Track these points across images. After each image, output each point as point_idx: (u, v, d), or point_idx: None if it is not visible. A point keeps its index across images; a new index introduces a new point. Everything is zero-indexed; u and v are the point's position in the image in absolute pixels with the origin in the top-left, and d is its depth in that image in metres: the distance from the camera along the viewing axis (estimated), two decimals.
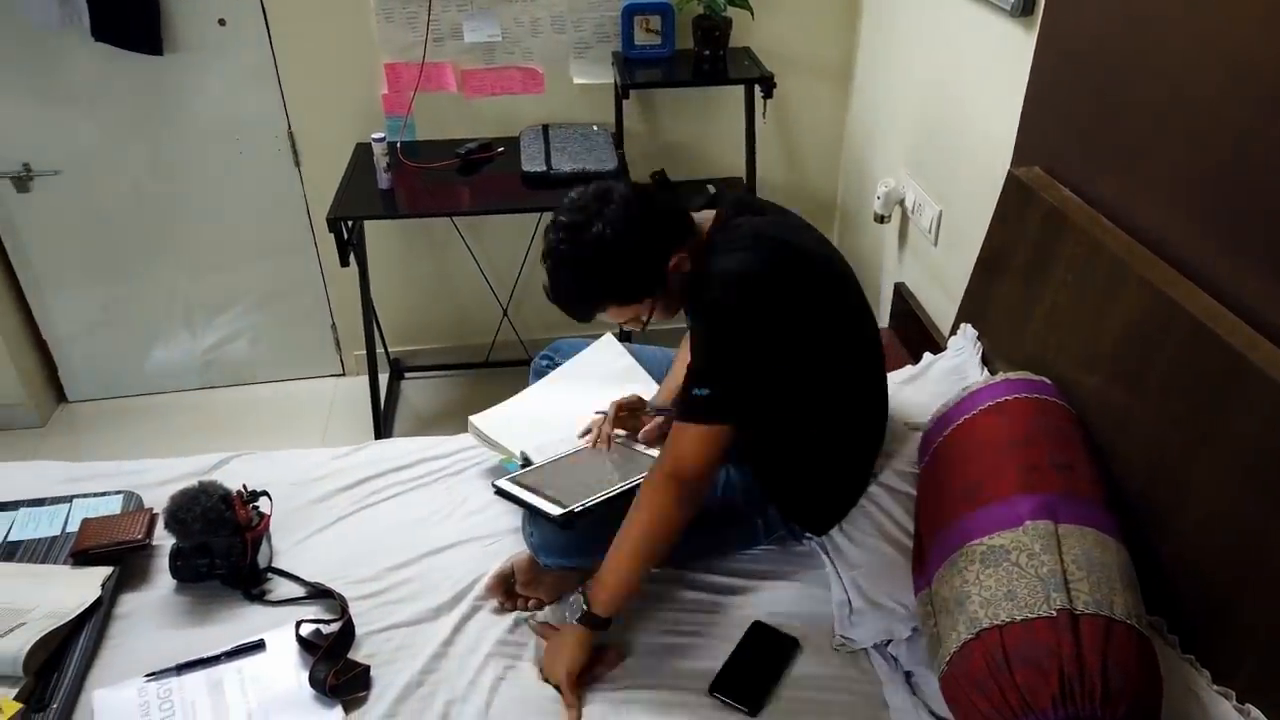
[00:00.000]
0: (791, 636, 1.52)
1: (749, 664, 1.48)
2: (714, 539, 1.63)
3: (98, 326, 3.00)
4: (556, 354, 2.00)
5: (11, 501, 1.80)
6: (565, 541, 1.53)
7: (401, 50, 2.67)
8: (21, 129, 2.65)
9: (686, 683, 1.45)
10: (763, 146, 2.83)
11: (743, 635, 1.52)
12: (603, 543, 1.55)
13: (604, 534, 1.53)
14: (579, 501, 1.54)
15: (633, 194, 1.46)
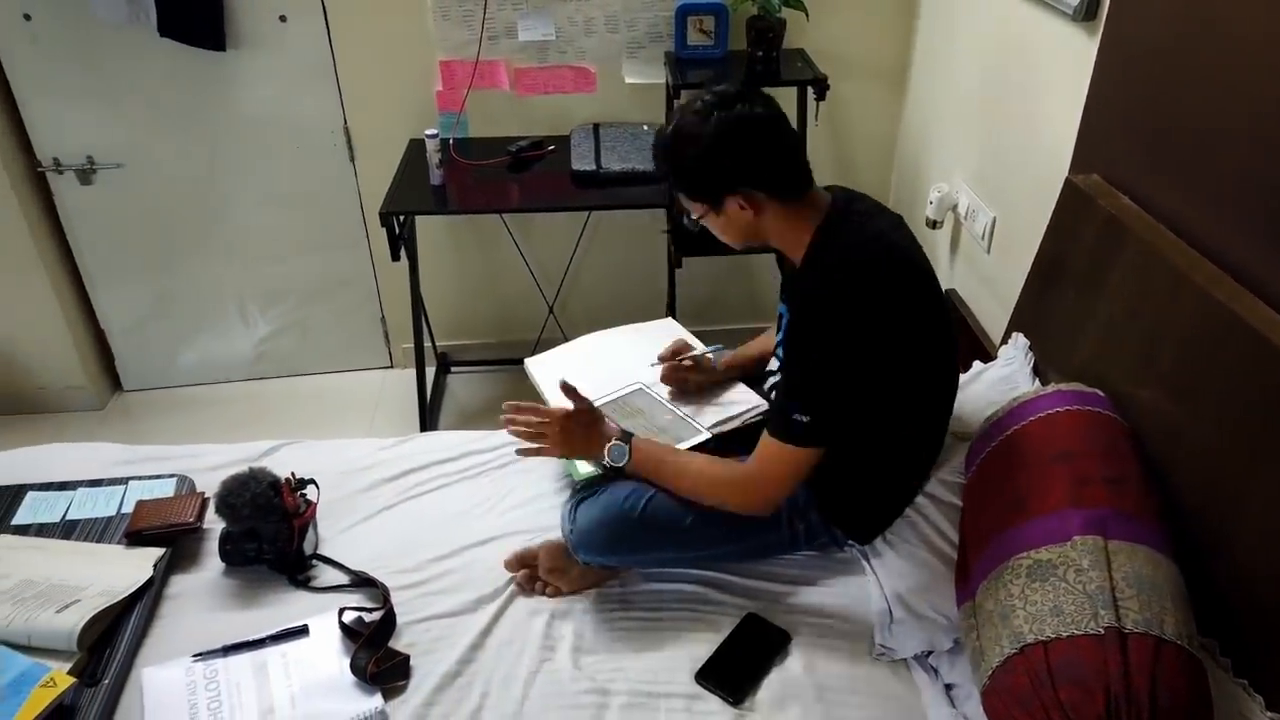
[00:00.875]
0: (783, 630, 1.52)
1: (738, 655, 1.49)
2: (755, 544, 1.62)
3: (153, 318, 3.08)
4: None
5: (70, 481, 1.86)
6: (605, 540, 1.54)
7: (456, 48, 2.70)
8: (87, 123, 2.73)
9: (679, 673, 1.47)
10: (814, 149, 2.80)
11: (735, 626, 1.53)
12: (643, 553, 1.56)
13: (645, 545, 1.53)
14: None
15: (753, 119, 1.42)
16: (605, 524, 1.54)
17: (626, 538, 1.54)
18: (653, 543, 1.56)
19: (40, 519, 1.77)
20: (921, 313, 1.46)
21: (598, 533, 1.54)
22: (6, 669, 1.40)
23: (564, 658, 1.50)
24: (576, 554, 1.58)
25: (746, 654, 1.49)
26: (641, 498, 1.54)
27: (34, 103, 2.68)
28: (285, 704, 1.42)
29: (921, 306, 1.46)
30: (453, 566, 1.68)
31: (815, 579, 1.63)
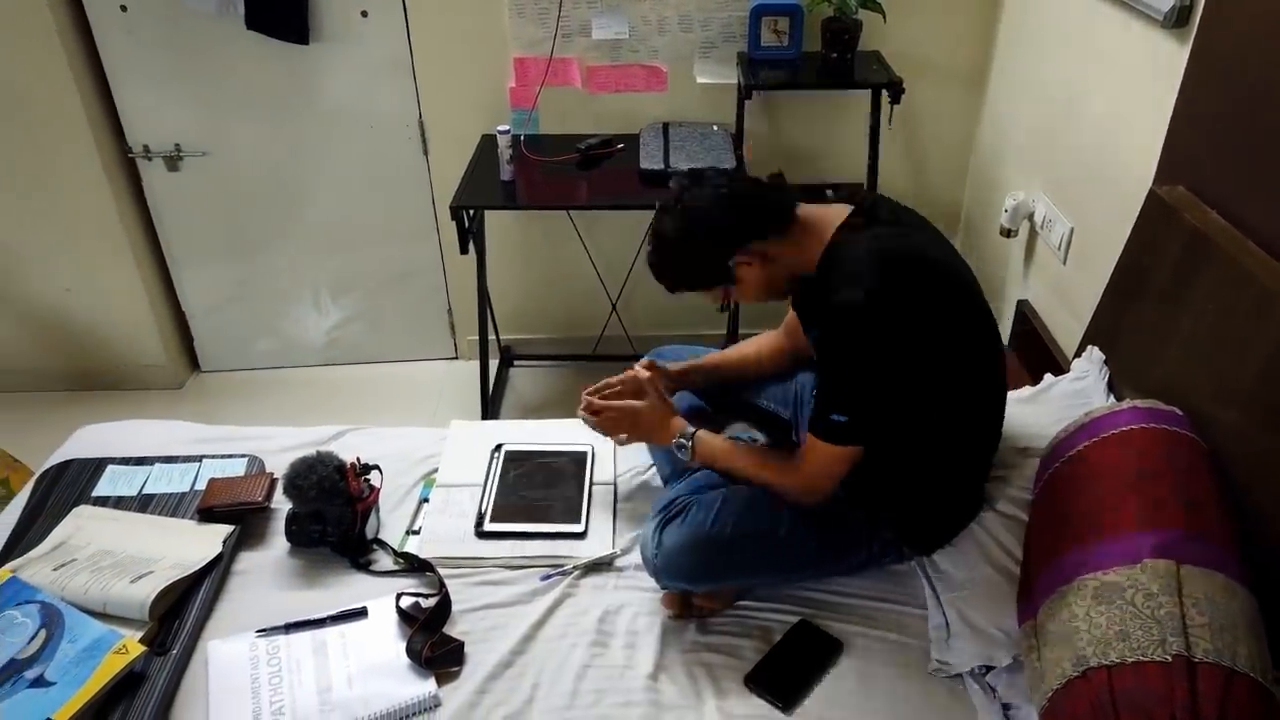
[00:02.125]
0: (835, 639, 1.50)
1: (789, 660, 1.48)
2: (839, 562, 1.59)
3: (231, 302, 3.18)
4: (658, 360, 2.00)
5: (148, 457, 1.93)
6: (691, 565, 1.51)
7: (531, 45, 2.73)
8: (176, 112, 2.83)
9: None
10: (886, 153, 2.77)
11: (786, 631, 1.52)
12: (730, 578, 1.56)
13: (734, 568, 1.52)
14: None
15: (714, 187, 1.50)
16: (692, 548, 1.50)
17: (714, 561, 1.51)
18: (741, 565, 1.53)
19: (119, 492, 1.84)
20: (955, 316, 1.43)
21: (684, 558, 1.50)
22: (82, 634, 1.46)
23: (616, 653, 1.51)
24: (659, 579, 1.55)
25: (797, 660, 1.48)
26: (731, 519, 1.51)
27: (127, 91, 2.79)
28: (343, 683, 1.45)
29: (953, 310, 1.43)
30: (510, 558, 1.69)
31: (870, 590, 1.61)
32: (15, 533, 1.75)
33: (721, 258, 1.49)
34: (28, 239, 2.93)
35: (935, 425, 1.48)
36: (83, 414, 2.33)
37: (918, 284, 1.39)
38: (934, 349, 1.41)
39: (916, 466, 1.53)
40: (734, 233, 1.48)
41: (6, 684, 1.39)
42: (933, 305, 1.40)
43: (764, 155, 2.86)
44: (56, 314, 3.07)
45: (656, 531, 1.55)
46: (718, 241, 1.48)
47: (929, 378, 1.42)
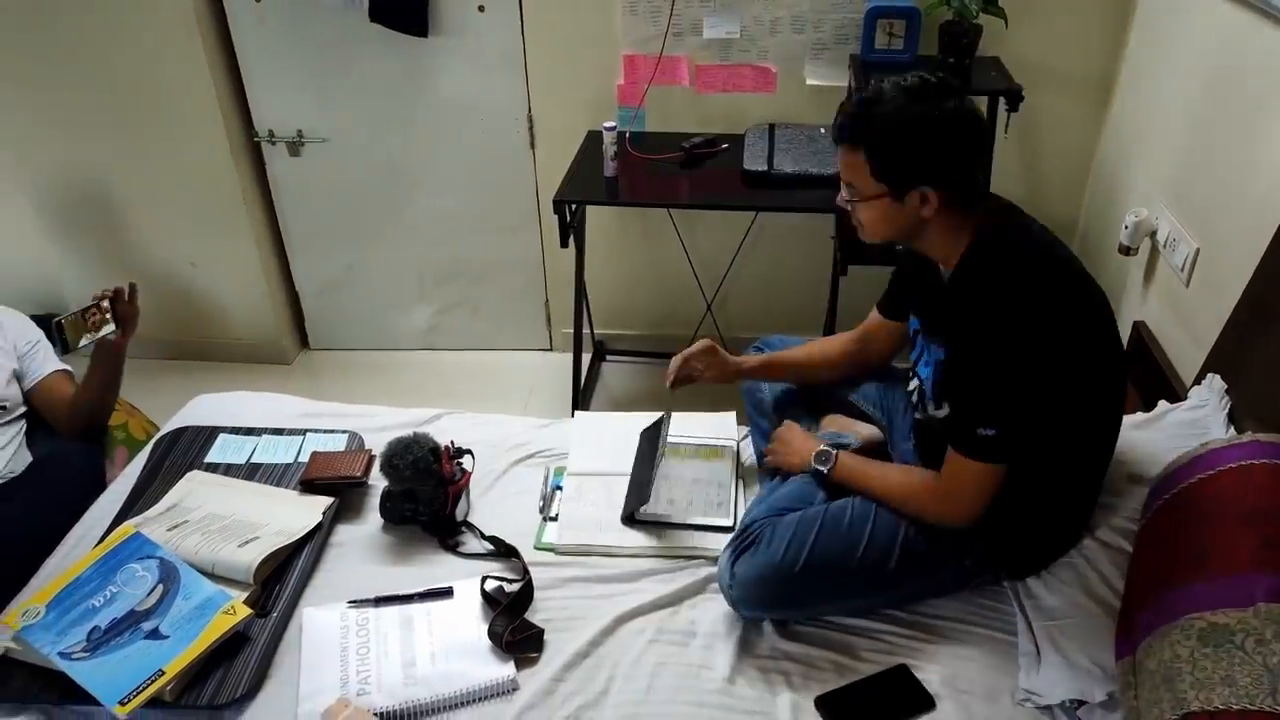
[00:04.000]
0: (930, 695, 1.42)
1: (870, 697, 1.42)
2: (920, 586, 1.55)
3: (341, 284, 3.31)
4: (767, 347, 1.98)
5: (257, 428, 2.02)
6: (768, 595, 1.50)
7: (641, 43, 2.75)
8: (300, 99, 2.95)
9: None
10: (1000, 162, 2.68)
11: (882, 670, 1.46)
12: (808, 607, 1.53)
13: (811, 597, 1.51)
14: None
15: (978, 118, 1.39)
16: (767, 579, 1.49)
17: (790, 592, 1.49)
18: (818, 593, 1.51)
19: (229, 459, 1.94)
20: (1095, 334, 1.37)
21: (760, 590, 1.49)
22: (195, 592, 1.55)
23: (694, 653, 1.51)
24: (736, 610, 1.53)
25: (880, 700, 1.42)
26: (804, 548, 1.48)
27: (256, 78, 2.93)
28: (426, 659, 1.49)
29: (1094, 327, 1.38)
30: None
31: (955, 611, 1.56)
32: (134, 491, 1.87)
33: (925, 173, 1.36)
34: (159, 214, 3.11)
35: (1056, 443, 1.42)
36: (198, 383, 2.47)
37: (1068, 297, 1.35)
38: (1076, 365, 1.35)
39: (1032, 490, 1.47)
40: (956, 170, 1.37)
41: (126, 633, 1.48)
42: (1079, 320, 1.35)
43: None
44: (180, 287, 3.25)
45: (730, 562, 1.53)
46: (943, 161, 1.36)
47: (1066, 393, 1.37)
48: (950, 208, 1.40)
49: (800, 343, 1.90)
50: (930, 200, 1.38)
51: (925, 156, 1.36)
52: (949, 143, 1.36)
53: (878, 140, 1.38)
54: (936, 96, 1.35)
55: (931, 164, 1.36)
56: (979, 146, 1.40)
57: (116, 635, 1.47)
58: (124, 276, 3.22)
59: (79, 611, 1.50)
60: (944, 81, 1.36)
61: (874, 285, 3.11)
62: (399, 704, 1.42)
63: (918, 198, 1.38)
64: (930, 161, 1.36)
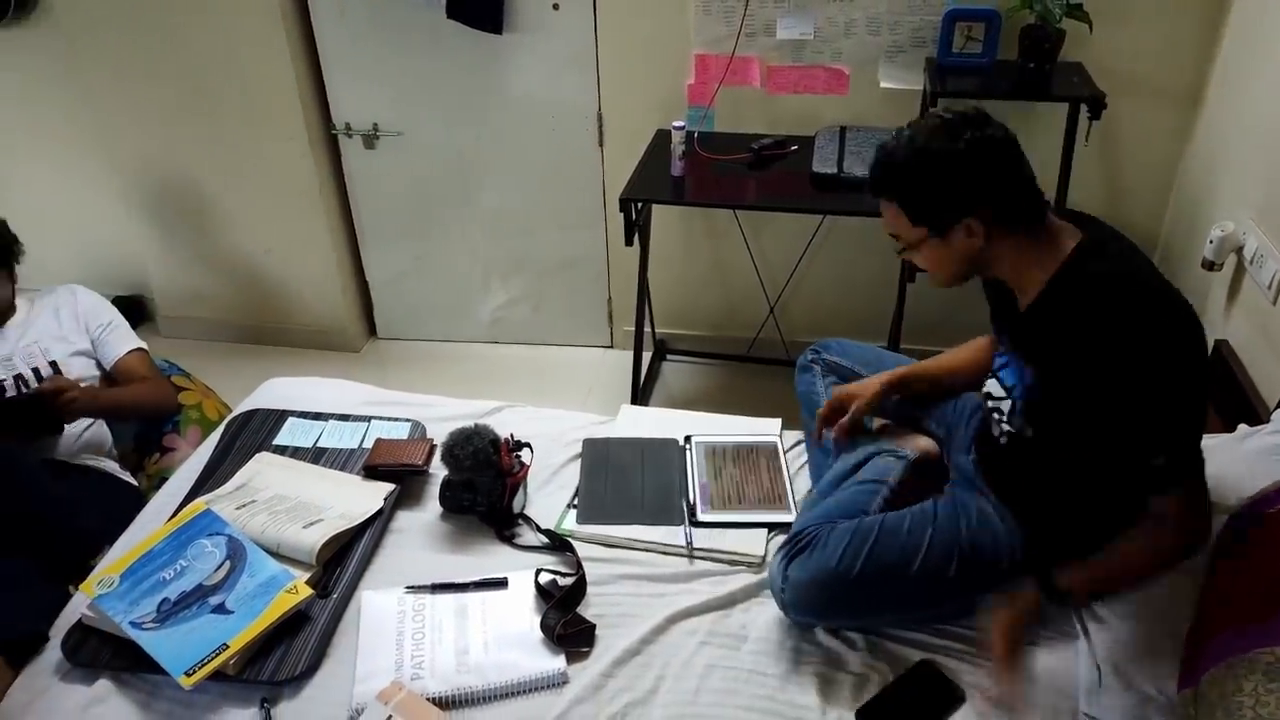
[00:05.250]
0: (958, 687, 1.41)
1: (905, 701, 1.41)
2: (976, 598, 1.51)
3: (410, 275, 3.37)
4: (825, 350, 1.97)
5: (324, 413, 2.07)
6: (821, 601, 1.49)
7: (713, 42, 2.74)
8: (377, 93, 3.02)
9: None
10: (1079, 172, 2.60)
11: (908, 670, 1.45)
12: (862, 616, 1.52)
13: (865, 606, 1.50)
14: None
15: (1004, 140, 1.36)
16: (822, 584, 1.47)
17: (845, 598, 1.48)
18: (874, 601, 1.50)
19: (296, 442, 1.99)
20: (1189, 358, 1.31)
21: (813, 594, 1.48)
22: (260, 570, 1.59)
23: (745, 656, 1.50)
24: (787, 614, 1.52)
25: (915, 703, 1.41)
26: (861, 554, 1.47)
27: (335, 72, 3.00)
28: (479, 648, 1.51)
29: (1193, 345, 1.32)
30: (650, 548, 1.72)
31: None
32: (206, 470, 1.93)
33: (960, 207, 1.36)
34: (239, 202, 3.21)
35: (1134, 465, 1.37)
36: (270, 367, 2.54)
37: (1171, 319, 1.31)
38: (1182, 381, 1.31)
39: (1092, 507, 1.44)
40: (993, 196, 1.35)
41: (194, 606, 1.53)
42: (1181, 341, 1.31)
43: None
44: (256, 273, 3.34)
45: (783, 564, 1.51)
46: (975, 192, 1.35)
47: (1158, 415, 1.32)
48: (1004, 233, 1.38)
49: (865, 347, 1.87)
50: (976, 231, 1.37)
51: (951, 191, 1.36)
52: (973, 172, 1.35)
53: (902, 188, 1.40)
54: (951, 131, 1.35)
55: (960, 196, 1.36)
56: (1010, 168, 1.36)
57: (185, 608, 1.52)
58: (203, 261, 3.35)
59: (150, 583, 1.56)
60: (960, 115, 1.37)
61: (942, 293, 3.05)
62: (451, 690, 1.44)
63: (963, 231, 1.38)
64: (958, 194, 1.36)
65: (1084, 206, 2.75)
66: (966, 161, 1.34)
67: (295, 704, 1.45)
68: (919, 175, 1.38)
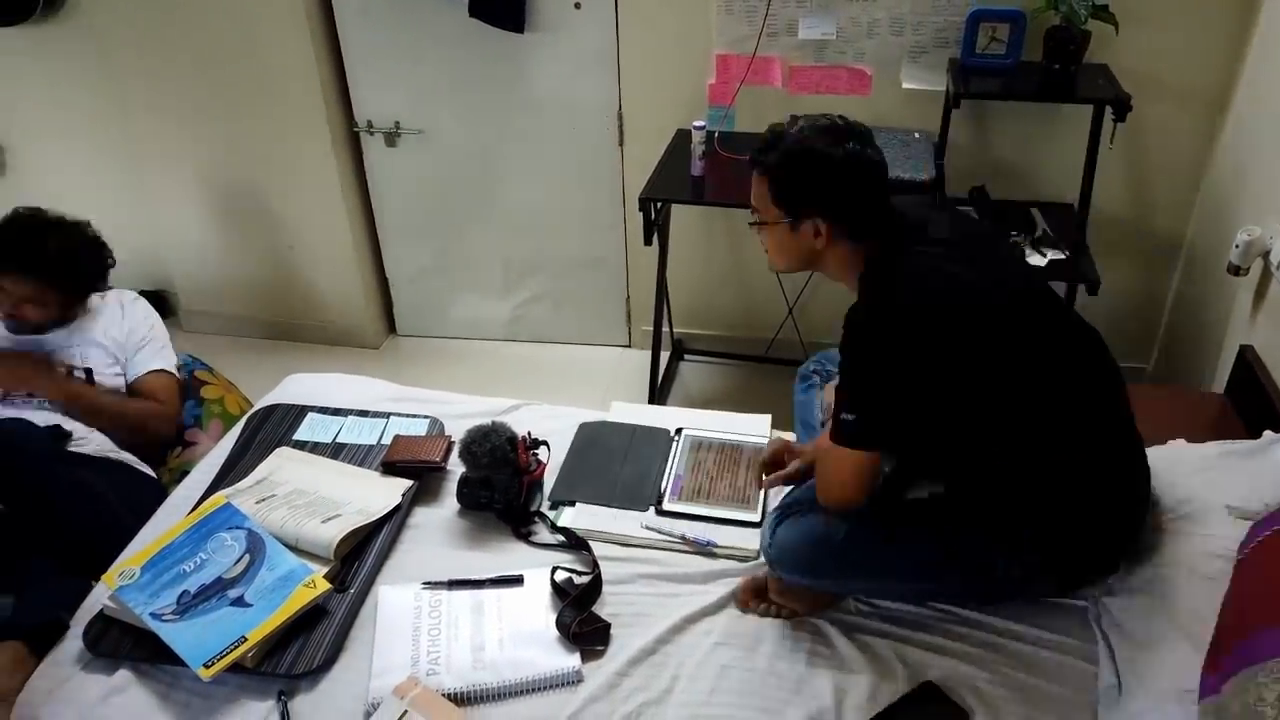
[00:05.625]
0: (964, 708, 1.40)
1: None
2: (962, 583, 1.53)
3: (430, 272, 3.39)
4: (828, 362, 1.97)
5: (343, 409, 2.09)
6: (804, 560, 1.52)
7: (734, 42, 2.73)
8: (399, 91, 3.03)
9: None
10: (1104, 175, 2.58)
11: (910, 691, 1.43)
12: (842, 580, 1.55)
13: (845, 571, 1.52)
14: None
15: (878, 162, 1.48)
16: (805, 544, 1.53)
17: (825, 561, 1.52)
18: (852, 571, 1.53)
19: (316, 438, 2.00)
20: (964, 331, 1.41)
21: (797, 552, 1.53)
22: (279, 564, 1.61)
23: (761, 658, 1.50)
24: (774, 570, 1.57)
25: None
26: (849, 519, 1.50)
27: (358, 69, 3.02)
28: (494, 644, 1.52)
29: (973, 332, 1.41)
30: (667, 547, 1.72)
31: (1030, 634, 1.52)
32: (227, 463, 1.95)
33: (818, 204, 1.48)
34: (262, 197, 3.23)
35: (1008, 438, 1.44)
36: (290, 362, 2.56)
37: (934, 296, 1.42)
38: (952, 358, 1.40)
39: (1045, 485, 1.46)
40: (849, 206, 1.48)
41: (213, 598, 1.55)
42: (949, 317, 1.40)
43: (967, 167, 2.73)
44: (278, 269, 3.37)
45: (773, 525, 1.58)
46: (837, 196, 1.47)
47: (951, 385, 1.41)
48: (841, 240, 1.50)
49: None
50: (822, 231, 1.49)
51: (817, 188, 1.48)
52: (841, 179, 1.46)
53: (778, 168, 1.50)
54: (838, 136, 1.47)
55: (823, 196, 1.48)
56: (873, 188, 1.49)
57: (204, 600, 1.54)
58: (226, 257, 3.38)
59: (171, 575, 1.58)
60: (851, 125, 1.49)
61: None
62: (466, 686, 1.45)
63: (811, 228, 1.49)
64: (822, 193, 1.48)
65: (1107, 210, 2.74)
66: (840, 167, 1.46)
67: (312, 697, 1.46)
68: (796, 163, 1.48)
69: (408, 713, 1.38)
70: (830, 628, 1.55)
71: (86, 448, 2.04)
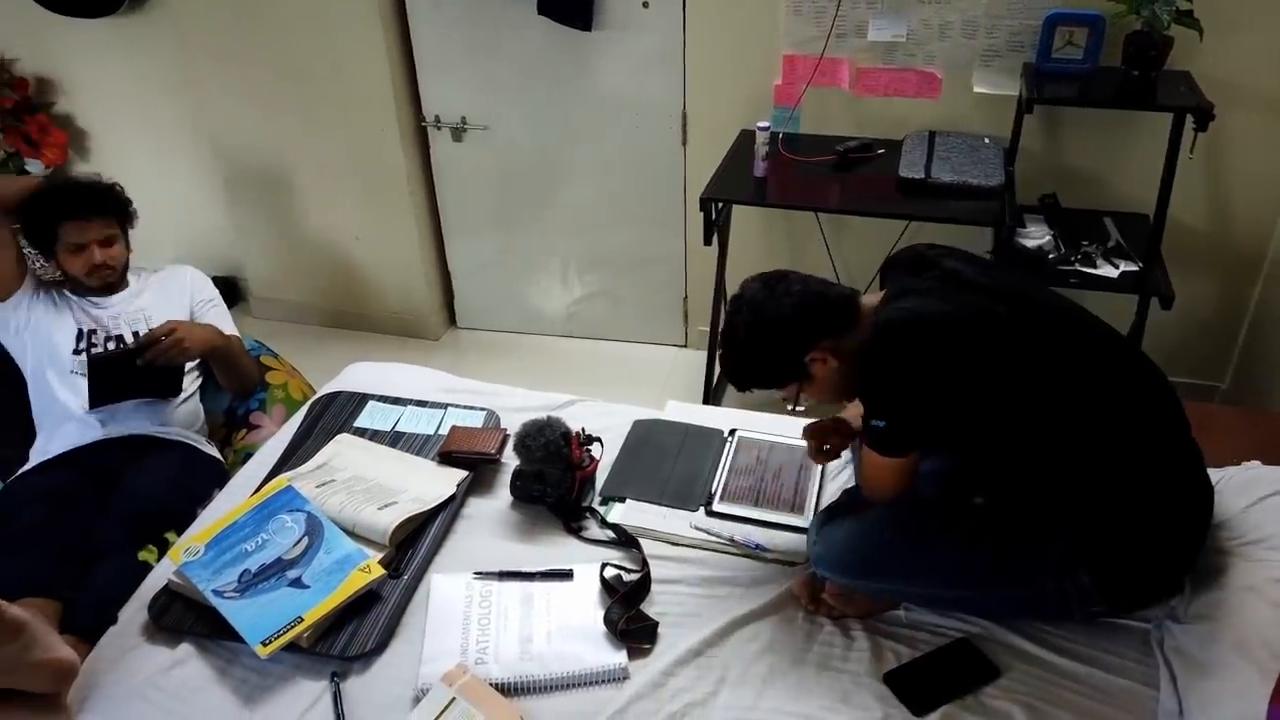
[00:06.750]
0: (994, 665, 1.44)
1: (935, 670, 1.46)
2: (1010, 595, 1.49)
3: (491, 266, 3.42)
4: None
5: (403, 399, 2.12)
6: (849, 560, 1.51)
7: (802, 43, 2.71)
8: (466, 87, 3.07)
9: None
10: (1182, 185, 2.48)
11: (945, 644, 1.48)
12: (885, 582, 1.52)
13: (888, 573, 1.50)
14: None
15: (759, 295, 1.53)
16: (850, 543, 1.52)
17: (868, 562, 1.50)
18: (895, 573, 1.51)
19: (375, 426, 2.04)
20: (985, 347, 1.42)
21: (842, 553, 1.52)
22: (336, 547, 1.64)
23: (809, 668, 1.48)
24: (817, 568, 1.56)
25: (946, 673, 1.45)
26: (896, 520, 1.50)
27: (427, 64, 3.07)
28: (542, 637, 1.53)
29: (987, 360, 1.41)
30: (716, 547, 1.72)
31: (1087, 654, 1.48)
32: (290, 447, 2.00)
33: (793, 354, 1.51)
34: (331, 189, 3.30)
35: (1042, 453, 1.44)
36: (352, 351, 2.61)
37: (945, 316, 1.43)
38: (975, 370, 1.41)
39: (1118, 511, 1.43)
40: (803, 331, 1.50)
41: (272, 578, 1.59)
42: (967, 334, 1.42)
43: (1038, 174, 2.67)
44: (344, 259, 3.44)
45: (819, 525, 1.59)
46: (788, 339, 1.50)
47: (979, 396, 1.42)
48: (845, 336, 1.50)
49: None
50: (828, 356, 1.50)
51: (779, 354, 1.52)
52: (783, 330, 1.50)
53: (751, 379, 1.57)
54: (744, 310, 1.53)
55: (786, 356, 1.51)
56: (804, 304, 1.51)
57: (264, 580, 1.58)
58: (295, 246, 3.46)
59: (233, 554, 1.62)
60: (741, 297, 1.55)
61: None
62: (513, 677, 1.46)
63: (818, 366, 1.51)
64: (786, 351, 1.51)
65: (1185, 222, 2.65)
66: (762, 333, 1.50)
67: (363, 679, 1.49)
68: (749, 362, 1.55)
69: (455, 700, 1.40)
70: (881, 640, 1.53)
71: (173, 432, 2.13)
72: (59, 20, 3.22)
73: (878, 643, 1.52)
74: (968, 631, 1.52)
